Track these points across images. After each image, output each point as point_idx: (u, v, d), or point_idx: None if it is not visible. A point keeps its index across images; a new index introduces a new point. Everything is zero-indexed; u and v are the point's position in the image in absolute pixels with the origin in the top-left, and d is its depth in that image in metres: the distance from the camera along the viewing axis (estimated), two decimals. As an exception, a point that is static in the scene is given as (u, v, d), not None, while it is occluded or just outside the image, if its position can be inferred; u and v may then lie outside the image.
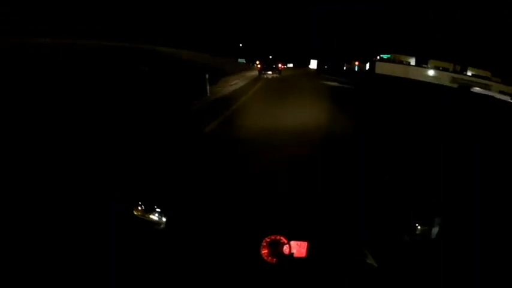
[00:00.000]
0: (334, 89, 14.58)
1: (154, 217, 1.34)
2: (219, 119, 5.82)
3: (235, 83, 13.28)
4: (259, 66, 27.73)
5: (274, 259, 1.24)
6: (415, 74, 20.95)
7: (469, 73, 19.73)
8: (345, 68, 33.47)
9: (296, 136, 4.39)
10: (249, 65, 36.58)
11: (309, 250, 1.25)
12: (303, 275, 1.25)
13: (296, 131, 4.74)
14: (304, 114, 6.17)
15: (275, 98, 9.35)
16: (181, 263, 1.28)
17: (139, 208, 1.35)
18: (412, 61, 20.98)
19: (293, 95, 10.23)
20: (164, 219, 1.34)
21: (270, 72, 24.20)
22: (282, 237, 1.24)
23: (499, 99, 16.89)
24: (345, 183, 2.12)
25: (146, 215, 1.34)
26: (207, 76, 8.80)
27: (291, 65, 53.60)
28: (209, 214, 1.35)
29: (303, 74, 28.29)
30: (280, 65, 27.95)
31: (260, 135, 4.29)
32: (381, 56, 22.49)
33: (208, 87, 8.78)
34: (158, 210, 1.34)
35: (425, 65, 21.00)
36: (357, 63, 31.86)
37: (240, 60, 40.82)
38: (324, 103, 7.97)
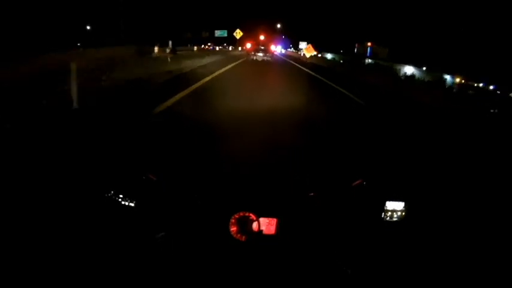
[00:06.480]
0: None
1: (124, 201, 1.30)
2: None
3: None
4: (249, 47, 26.60)
5: (243, 236, 1.22)
6: None
7: None
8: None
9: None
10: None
11: (278, 227, 1.23)
12: (272, 252, 1.23)
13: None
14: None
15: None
16: (150, 244, 1.25)
17: (109, 193, 1.31)
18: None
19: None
20: (132, 204, 1.30)
21: (260, 55, 23.15)
22: (250, 214, 1.22)
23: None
24: (316, 160, 2.09)
25: (116, 199, 1.30)
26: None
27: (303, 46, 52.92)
28: (176, 192, 1.32)
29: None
30: (271, 48, 25.92)
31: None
32: None
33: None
34: (125, 194, 1.30)
35: None
36: (369, 44, 26.66)
37: (219, 33, 33.80)
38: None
